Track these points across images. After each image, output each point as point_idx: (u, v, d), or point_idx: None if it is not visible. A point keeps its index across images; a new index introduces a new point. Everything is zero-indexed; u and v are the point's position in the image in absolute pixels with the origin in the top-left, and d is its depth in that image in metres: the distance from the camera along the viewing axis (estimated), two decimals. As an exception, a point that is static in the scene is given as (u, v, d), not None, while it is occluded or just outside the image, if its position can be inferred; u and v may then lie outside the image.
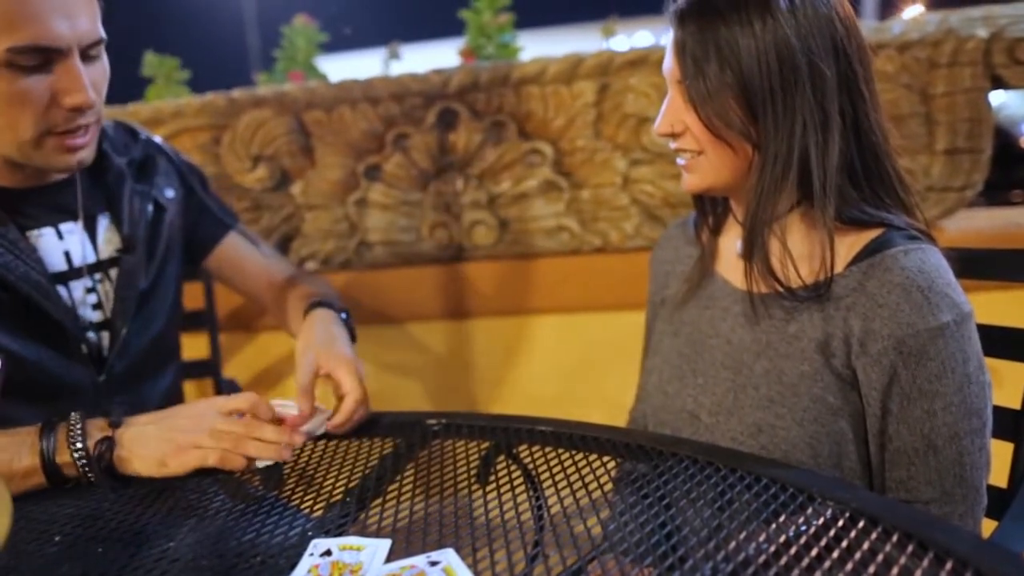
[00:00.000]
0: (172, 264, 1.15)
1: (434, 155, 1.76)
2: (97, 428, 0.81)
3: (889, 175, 0.86)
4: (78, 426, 0.79)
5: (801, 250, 0.86)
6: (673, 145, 0.90)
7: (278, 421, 0.88)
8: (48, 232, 0.99)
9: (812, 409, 0.83)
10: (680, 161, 0.90)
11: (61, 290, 0.98)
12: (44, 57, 0.84)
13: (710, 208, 1.00)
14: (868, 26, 1.65)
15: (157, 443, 0.80)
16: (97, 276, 1.03)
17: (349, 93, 1.75)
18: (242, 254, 1.23)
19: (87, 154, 0.95)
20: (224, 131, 1.80)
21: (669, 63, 0.87)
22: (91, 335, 1.01)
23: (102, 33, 0.90)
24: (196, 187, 1.21)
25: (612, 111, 1.69)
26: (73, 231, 1.01)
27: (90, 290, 1.02)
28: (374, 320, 1.84)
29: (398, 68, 2.32)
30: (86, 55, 0.89)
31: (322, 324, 1.01)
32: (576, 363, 1.80)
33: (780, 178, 0.82)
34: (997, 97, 1.64)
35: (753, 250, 0.86)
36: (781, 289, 0.85)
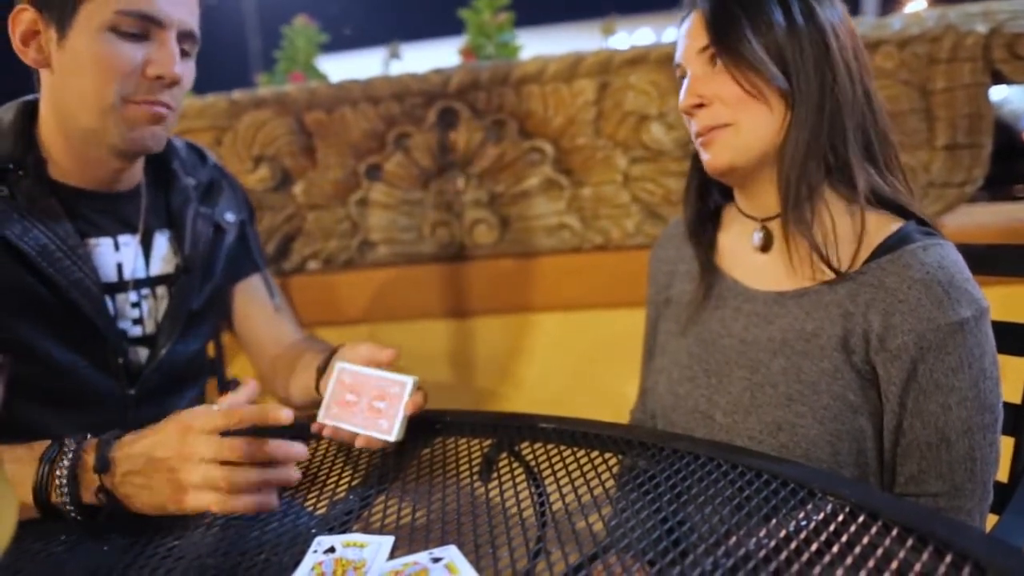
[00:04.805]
0: (226, 288, 1.16)
1: (435, 154, 1.77)
2: (88, 482, 0.72)
3: (897, 156, 0.88)
4: (64, 474, 0.72)
5: (834, 227, 0.85)
6: (695, 126, 0.88)
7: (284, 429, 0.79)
8: (106, 242, 1.00)
9: (833, 407, 0.83)
10: (703, 136, 0.88)
11: (107, 301, 0.98)
12: (143, 27, 0.89)
13: (701, 209, 0.99)
14: (868, 23, 1.65)
15: (151, 491, 0.71)
16: (144, 292, 1.03)
17: (350, 93, 1.75)
18: (257, 300, 1.21)
19: (161, 133, 0.96)
20: (225, 132, 1.81)
21: (687, 42, 0.89)
22: (130, 348, 1.01)
23: (198, 32, 0.96)
24: (247, 218, 1.21)
25: (612, 109, 1.69)
26: (129, 244, 1.02)
27: (134, 305, 1.02)
28: (376, 319, 1.84)
29: (398, 68, 2.33)
30: (180, 48, 0.93)
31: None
32: (578, 361, 1.80)
33: (814, 131, 0.83)
34: (1000, 92, 1.64)
35: (791, 218, 0.85)
36: (825, 262, 0.84)
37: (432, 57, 2.02)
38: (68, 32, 0.89)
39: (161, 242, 1.06)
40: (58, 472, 0.72)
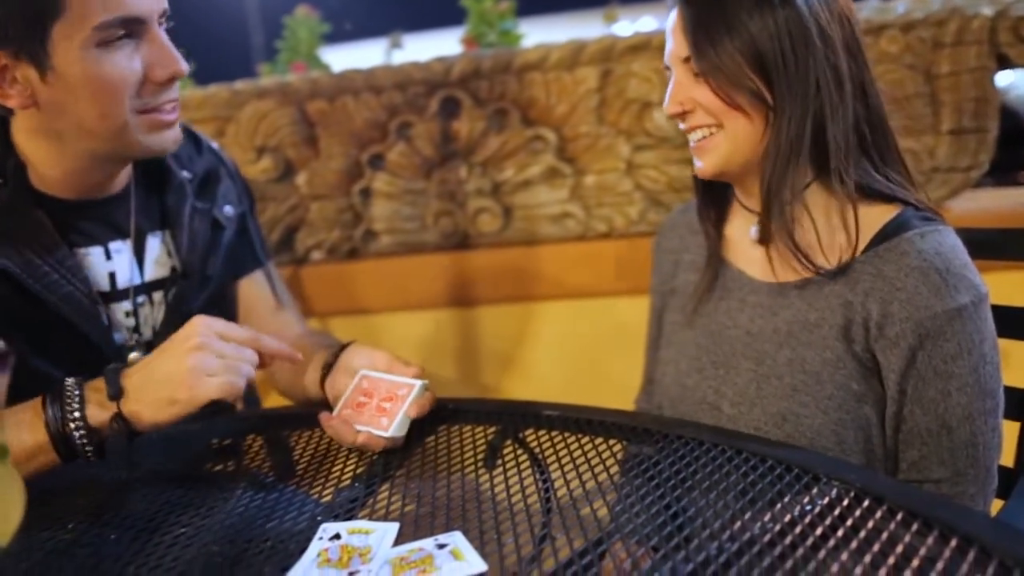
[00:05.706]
0: (226, 285, 1.11)
1: (437, 143, 1.76)
2: (97, 405, 0.77)
3: (895, 145, 0.87)
4: (76, 397, 0.77)
5: (823, 225, 0.85)
6: (683, 126, 0.89)
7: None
8: (96, 251, 0.95)
9: (836, 396, 0.83)
10: (692, 143, 0.88)
11: (101, 313, 0.94)
12: (128, 29, 0.82)
13: (710, 198, 0.99)
14: (872, 6, 1.63)
15: (162, 382, 0.76)
16: (140, 299, 0.99)
17: (352, 83, 1.75)
18: (260, 297, 1.15)
19: (178, 133, 0.92)
20: (228, 123, 1.80)
21: (671, 44, 0.87)
22: (127, 358, 0.96)
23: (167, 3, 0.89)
24: (247, 209, 1.15)
25: (615, 97, 1.68)
26: (121, 250, 0.97)
27: (129, 313, 0.98)
28: (380, 308, 1.85)
29: (400, 57, 2.32)
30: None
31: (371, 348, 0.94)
32: (582, 348, 1.80)
33: (795, 141, 0.82)
34: (1007, 77, 1.63)
35: (773, 223, 0.85)
36: (807, 265, 0.84)
37: (434, 47, 2.01)
38: (50, 63, 0.80)
39: (154, 245, 1.01)
40: (68, 402, 0.76)
